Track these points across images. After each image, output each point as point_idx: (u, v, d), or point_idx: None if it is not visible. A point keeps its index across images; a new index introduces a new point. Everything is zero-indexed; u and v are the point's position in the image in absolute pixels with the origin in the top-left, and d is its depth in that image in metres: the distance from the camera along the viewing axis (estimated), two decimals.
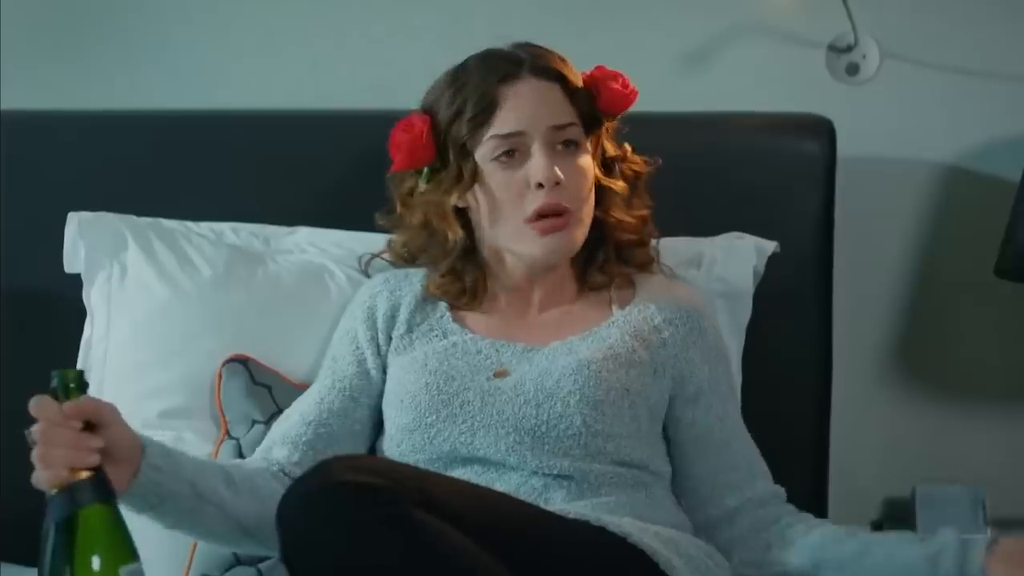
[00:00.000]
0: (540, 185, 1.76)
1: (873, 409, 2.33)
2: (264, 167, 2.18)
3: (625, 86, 1.85)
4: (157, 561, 1.66)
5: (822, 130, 2.13)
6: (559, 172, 1.76)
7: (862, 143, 2.23)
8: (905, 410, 2.34)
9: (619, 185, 1.85)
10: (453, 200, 1.81)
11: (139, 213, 2.12)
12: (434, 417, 1.75)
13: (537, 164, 1.75)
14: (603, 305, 1.86)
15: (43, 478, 1.41)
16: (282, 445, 1.78)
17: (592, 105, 1.83)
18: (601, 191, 1.84)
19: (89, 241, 2.05)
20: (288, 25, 2.34)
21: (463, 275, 1.84)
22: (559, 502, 1.71)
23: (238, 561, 1.84)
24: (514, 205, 1.77)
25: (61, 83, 2.34)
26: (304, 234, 2.12)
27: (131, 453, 1.54)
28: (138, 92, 2.33)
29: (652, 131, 1.91)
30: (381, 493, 1.44)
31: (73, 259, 2.06)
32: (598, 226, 1.85)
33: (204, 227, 2.11)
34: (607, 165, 1.86)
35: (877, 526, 2.33)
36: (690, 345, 1.83)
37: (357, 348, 1.85)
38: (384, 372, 1.84)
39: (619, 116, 1.87)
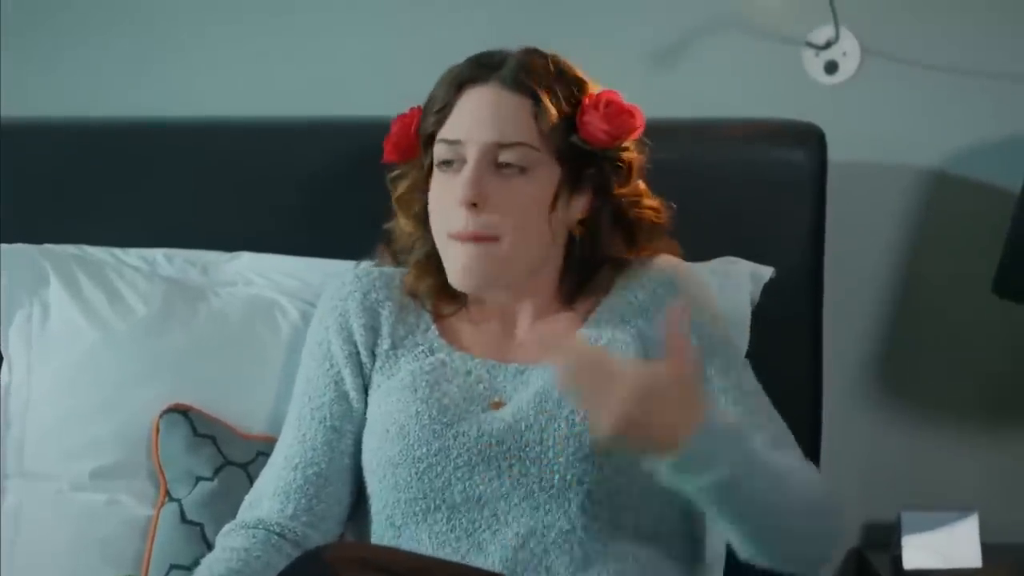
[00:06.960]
0: None
1: (855, 429, 2.27)
2: (199, 182, 2.06)
3: (609, 119, 1.69)
4: None
5: (811, 139, 2.05)
6: (480, 192, 1.65)
7: (842, 147, 2.14)
8: (889, 430, 2.28)
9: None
10: (400, 191, 1.75)
11: (57, 235, 2.00)
12: (424, 450, 1.64)
13: (461, 179, 1.66)
14: (586, 305, 1.75)
15: None
16: (272, 497, 1.70)
17: (571, 132, 1.70)
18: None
19: (4, 276, 1.95)
20: (227, 23, 2.23)
21: (435, 269, 1.73)
22: (563, 572, 1.62)
23: None
24: (442, 216, 1.69)
25: None
26: (247, 260, 2.02)
27: None
28: (55, 96, 2.21)
29: None
30: None
31: None
32: (588, 255, 1.73)
33: (134, 255, 2.01)
34: (606, 200, 1.72)
35: (857, 553, 2.28)
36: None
37: (332, 367, 1.74)
38: (366, 394, 1.73)
39: (607, 150, 1.71)
